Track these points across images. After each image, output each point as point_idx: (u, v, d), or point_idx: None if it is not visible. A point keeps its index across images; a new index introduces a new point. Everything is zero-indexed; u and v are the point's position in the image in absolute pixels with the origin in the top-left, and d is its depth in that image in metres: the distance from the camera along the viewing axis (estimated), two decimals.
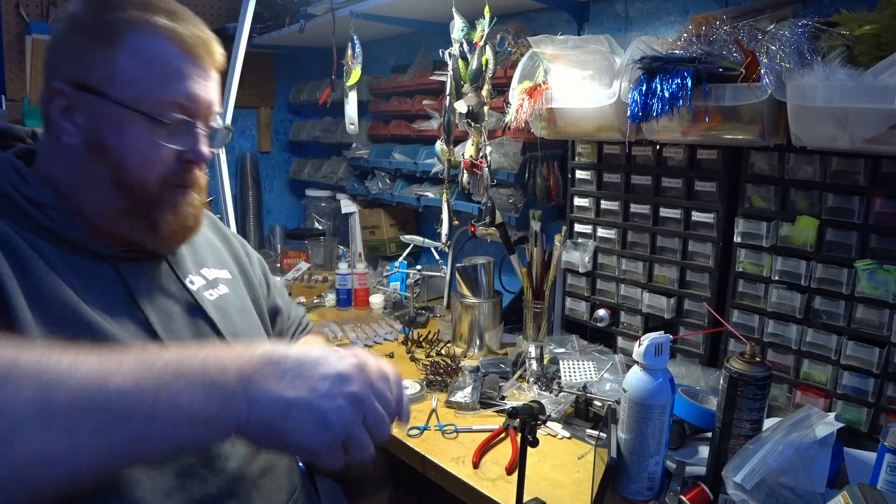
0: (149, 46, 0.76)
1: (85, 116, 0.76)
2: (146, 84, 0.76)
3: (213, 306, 0.89)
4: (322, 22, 2.06)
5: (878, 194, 1.09)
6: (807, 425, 0.97)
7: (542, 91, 1.43)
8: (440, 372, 1.53)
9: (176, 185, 0.81)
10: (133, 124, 0.76)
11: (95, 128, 0.76)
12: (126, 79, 0.75)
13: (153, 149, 0.77)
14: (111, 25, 0.75)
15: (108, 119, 0.76)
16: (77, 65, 0.76)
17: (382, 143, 2.43)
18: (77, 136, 0.77)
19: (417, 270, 2.20)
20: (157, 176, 0.78)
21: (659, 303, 1.45)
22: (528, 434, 0.93)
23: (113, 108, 0.75)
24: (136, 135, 0.76)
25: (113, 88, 0.75)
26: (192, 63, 0.79)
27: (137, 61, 0.75)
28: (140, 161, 0.77)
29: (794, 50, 1.00)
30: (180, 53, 0.77)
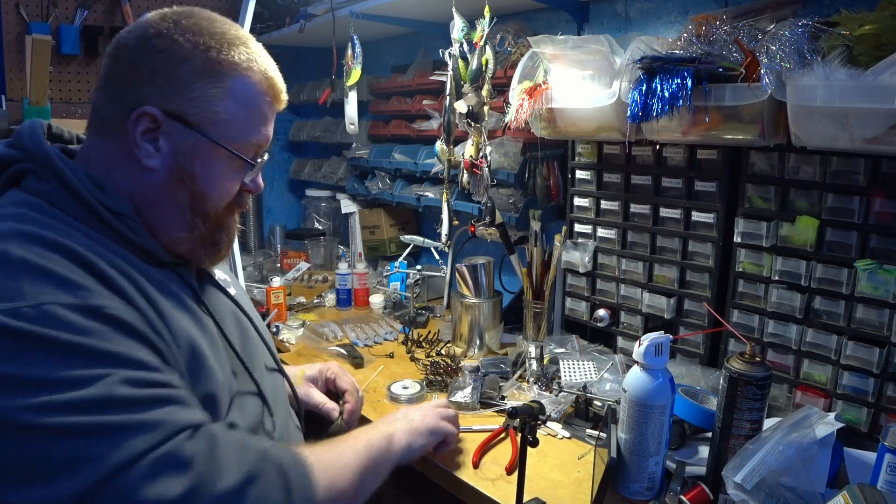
0: (248, 90, 0.82)
1: (172, 143, 0.79)
2: (239, 126, 0.81)
3: (241, 299, 0.98)
4: (322, 22, 2.06)
5: (878, 194, 1.09)
6: (807, 425, 0.97)
7: (542, 91, 1.43)
8: (440, 372, 1.53)
9: (232, 212, 0.88)
10: (220, 160, 0.81)
11: (184, 157, 0.79)
12: (225, 119, 0.80)
13: (231, 182, 0.84)
14: (219, 64, 0.79)
15: (200, 152, 0.80)
16: (177, 95, 0.77)
17: (382, 143, 2.43)
18: (158, 160, 0.79)
19: (417, 270, 2.20)
20: (224, 203, 0.85)
21: (659, 303, 1.45)
22: (528, 434, 0.93)
23: (206, 144, 0.79)
24: (221, 169, 0.82)
25: (212, 127, 0.79)
26: (272, 108, 0.87)
27: (237, 103, 0.80)
28: (219, 193, 0.83)
29: (794, 50, 1.00)
30: (269, 100, 0.85)
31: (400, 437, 0.97)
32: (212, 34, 0.80)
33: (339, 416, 1.13)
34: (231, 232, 0.89)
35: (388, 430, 0.96)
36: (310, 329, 1.91)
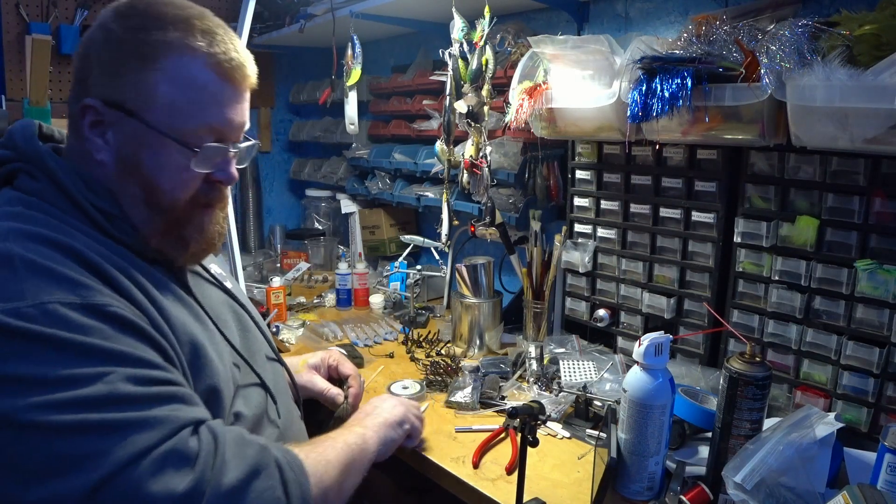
0: (186, 72, 0.75)
1: (117, 135, 0.77)
2: (182, 110, 0.76)
3: (237, 293, 0.98)
4: (322, 22, 2.06)
5: (878, 194, 1.09)
6: (807, 425, 0.97)
7: (542, 91, 1.43)
8: (440, 372, 1.53)
9: (204, 205, 0.83)
10: (167, 149, 0.77)
11: (128, 148, 0.77)
12: (162, 104, 0.75)
13: (185, 172, 0.78)
14: (150, 47, 0.75)
15: (143, 141, 0.76)
16: (112, 83, 0.75)
17: (382, 143, 2.43)
18: (108, 153, 0.77)
19: (417, 270, 2.20)
20: (186, 197, 0.80)
21: (659, 303, 1.45)
22: (528, 434, 0.93)
23: (147, 132, 0.75)
24: (169, 158, 0.77)
25: (149, 112, 0.75)
26: (227, 87, 0.79)
27: (174, 86, 0.75)
28: (172, 184, 0.78)
29: (794, 50, 1.00)
30: (217, 79, 0.77)
31: (372, 434, 0.98)
32: (149, 16, 0.76)
33: (344, 400, 1.14)
34: (204, 228, 0.84)
35: (361, 428, 0.97)
36: (310, 329, 1.90)
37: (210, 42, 0.77)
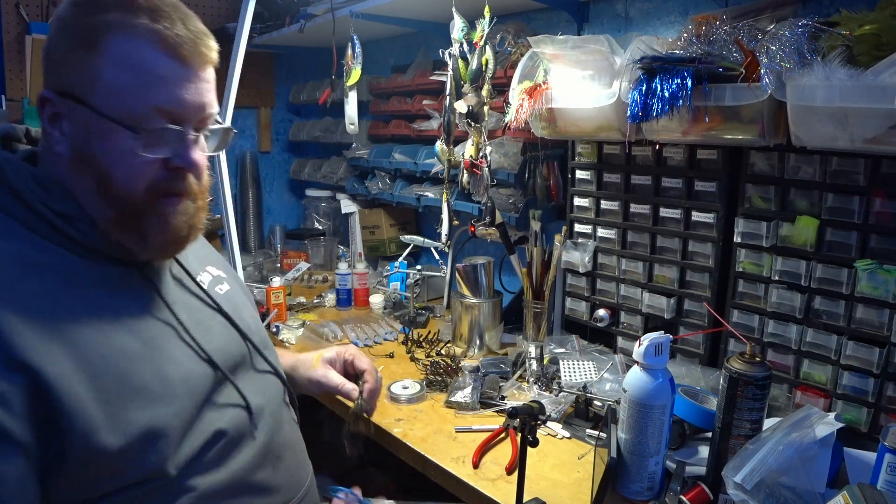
0: (130, 52, 0.71)
1: (70, 125, 0.74)
2: (127, 93, 0.72)
3: (224, 299, 0.93)
4: (322, 22, 2.06)
5: (878, 194, 1.09)
6: (807, 425, 0.97)
7: (542, 91, 1.43)
8: (440, 372, 1.53)
9: (165, 194, 0.77)
10: (116, 135, 0.72)
11: (81, 138, 0.73)
12: (106, 87, 0.71)
13: (137, 159, 0.73)
14: (92, 29, 0.71)
15: (92, 129, 0.73)
16: (63, 71, 0.73)
17: (382, 143, 2.43)
18: (64, 145, 0.75)
19: (417, 270, 2.20)
20: (144, 186, 0.75)
21: (659, 303, 1.45)
22: (528, 434, 0.93)
23: (96, 119, 0.72)
24: (119, 145, 0.73)
25: (94, 97, 0.72)
26: (177, 66, 0.73)
27: (118, 68, 0.71)
28: (125, 172, 0.74)
29: (794, 50, 1.00)
30: (162, 57, 0.72)
31: None
32: (94, 0, 0.73)
33: (359, 395, 1.10)
34: (168, 221, 0.77)
35: None
36: (310, 329, 1.90)
37: (153, 18, 0.72)
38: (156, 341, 0.77)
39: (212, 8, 2.68)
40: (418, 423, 1.32)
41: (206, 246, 1.04)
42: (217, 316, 0.89)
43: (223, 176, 2.05)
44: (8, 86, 2.27)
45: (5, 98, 2.26)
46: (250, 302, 1.07)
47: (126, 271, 0.79)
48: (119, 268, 0.78)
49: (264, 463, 0.86)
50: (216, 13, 2.68)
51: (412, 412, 1.37)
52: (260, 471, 0.85)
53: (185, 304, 0.85)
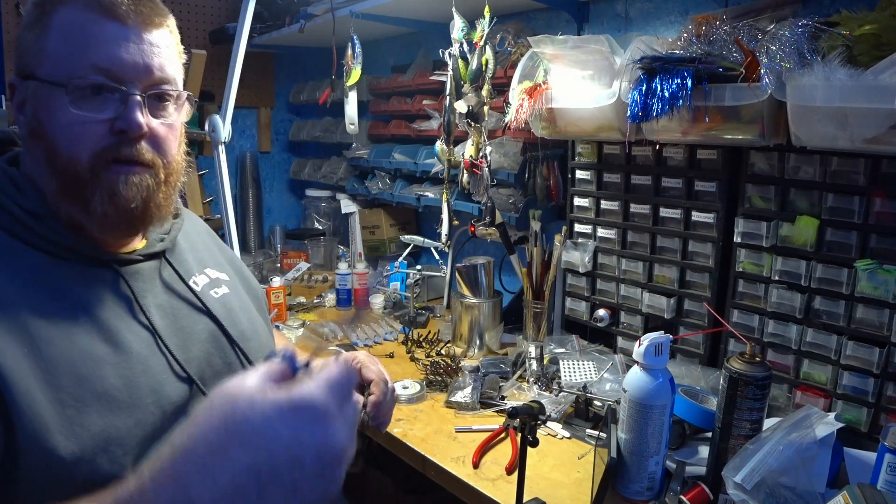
0: (70, 19, 0.72)
1: (29, 104, 0.74)
2: (65, 56, 0.72)
3: (217, 304, 0.89)
4: (322, 22, 2.06)
5: (878, 194, 1.09)
6: (807, 425, 0.97)
7: (542, 91, 1.43)
8: (440, 372, 1.53)
9: (113, 161, 0.74)
10: (57, 100, 0.71)
11: (32, 111, 0.74)
12: (49, 56, 0.72)
13: (76, 120, 0.71)
14: (42, 10, 0.74)
15: (41, 100, 0.73)
16: (23, 56, 0.75)
17: (382, 143, 2.43)
18: (25, 127, 0.75)
19: (417, 270, 2.20)
20: (87, 151, 0.72)
21: (659, 303, 1.45)
22: (528, 434, 0.93)
23: (42, 88, 0.72)
24: (60, 110, 0.71)
25: (41, 69, 0.72)
26: (112, 24, 0.72)
27: (59, 37, 0.72)
28: (68, 137, 0.72)
29: (794, 50, 1.00)
30: (99, 17, 0.72)
31: None
32: None
33: (362, 408, 1.01)
34: (116, 191, 0.73)
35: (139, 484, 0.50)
36: (310, 329, 1.90)
37: None
38: (128, 346, 0.74)
39: (212, 8, 2.68)
40: (418, 423, 1.32)
41: (212, 248, 1.01)
42: (204, 322, 0.86)
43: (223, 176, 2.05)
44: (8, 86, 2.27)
45: (5, 98, 2.26)
46: (256, 305, 1.02)
47: (103, 273, 0.77)
48: (95, 268, 0.76)
49: None
50: (216, 13, 2.68)
51: (412, 412, 1.37)
52: None
53: (170, 310, 0.82)
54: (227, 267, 1.01)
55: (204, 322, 0.86)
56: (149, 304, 0.79)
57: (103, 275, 0.77)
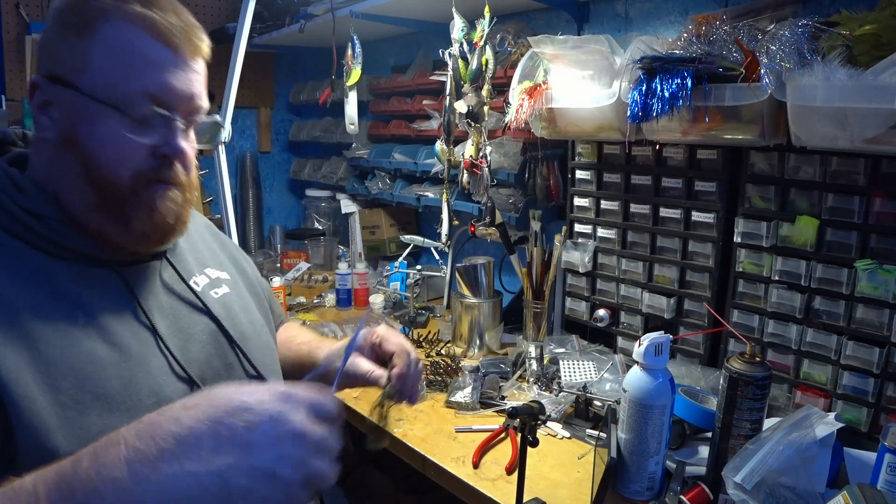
0: (121, 36, 0.72)
1: (59, 110, 0.74)
2: (116, 75, 0.72)
3: (218, 304, 0.89)
4: (322, 22, 2.06)
5: (878, 194, 1.09)
6: (807, 425, 0.97)
7: (542, 91, 1.43)
8: (440, 372, 1.53)
9: (153, 181, 0.76)
10: (104, 118, 0.72)
11: (68, 121, 0.73)
12: (97, 70, 0.71)
13: (124, 143, 0.73)
14: (84, 15, 0.72)
15: (80, 112, 0.73)
16: (53, 57, 0.73)
17: (382, 143, 2.43)
18: (52, 131, 0.74)
19: (417, 270, 2.20)
20: (130, 171, 0.74)
21: (659, 303, 1.45)
22: (528, 434, 0.93)
23: (84, 101, 0.72)
24: (106, 128, 0.72)
25: (83, 80, 0.72)
26: (167, 52, 0.74)
27: (109, 52, 0.71)
28: (111, 156, 0.73)
29: (794, 50, 1.00)
30: (154, 42, 0.73)
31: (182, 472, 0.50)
32: None
33: (387, 381, 0.99)
34: (155, 207, 0.76)
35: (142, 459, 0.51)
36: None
37: (146, 5, 0.73)
38: (129, 348, 0.74)
39: (212, 8, 2.68)
40: (418, 423, 1.32)
41: (212, 246, 1.01)
42: (204, 322, 0.86)
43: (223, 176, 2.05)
44: (8, 86, 2.27)
45: (5, 98, 2.26)
46: (257, 302, 1.02)
47: (104, 273, 0.77)
48: (96, 269, 0.77)
49: None
50: (216, 13, 2.68)
51: (412, 412, 1.37)
52: None
53: (170, 310, 0.82)
54: (227, 265, 1.01)
55: (204, 323, 0.86)
56: (149, 306, 0.80)
57: (104, 275, 0.77)
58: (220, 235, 1.08)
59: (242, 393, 0.54)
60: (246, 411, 0.52)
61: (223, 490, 0.49)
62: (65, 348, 0.69)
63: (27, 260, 0.72)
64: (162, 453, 0.50)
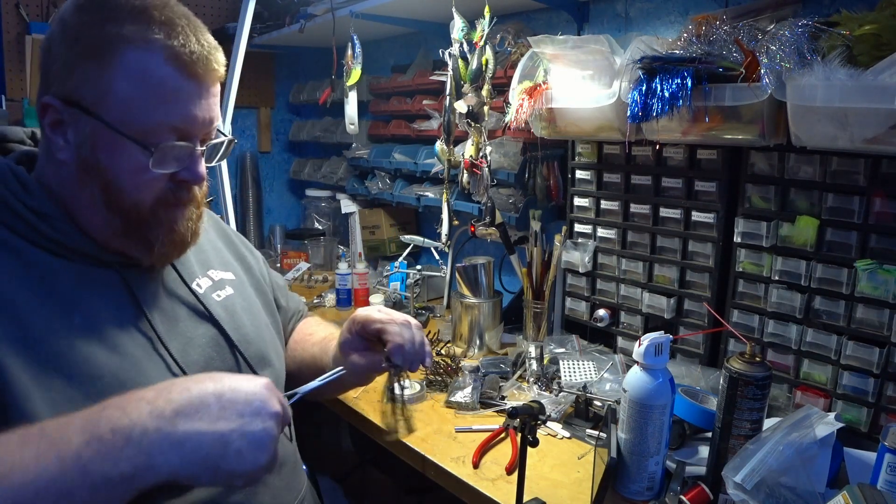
0: (143, 66, 0.71)
1: (76, 134, 0.73)
2: (138, 106, 0.72)
3: (220, 307, 0.89)
4: (322, 22, 2.06)
5: (878, 194, 1.09)
6: (807, 425, 0.97)
7: (542, 91, 1.43)
8: (440, 372, 1.53)
9: (172, 205, 0.78)
10: (125, 148, 0.72)
11: (87, 147, 0.73)
12: (118, 100, 0.71)
13: (146, 173, 0.74)
14: (106, 41, 0.71)
15: (100, 140, 0.72)
16: (69, 79, 0.72)
17: (382, 143, 2.43)
18: (69, 153, 0.74)
19: (417, 270, 2.20)
20: (151, 198, 0.76)
21: (659, 303, 1.45)
22: (528, 434, 0.93)
23: (105, 131, 0.72)
24: (128, 158, 0.73)
25: (105, 109, 0.71)
26: (189, 82, 0.74)
27: (130, 82, 0.71)
28: (133, 185, 0.74)
29: (794, 50, 1.00)
30: (176, 74, 0.72)
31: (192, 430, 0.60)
32: (105, 7, 0.72)
33: (386, 362, 0.94)
34: (174, 228, 0.79)
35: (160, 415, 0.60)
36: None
37: (169, 34, 0.72)
38: (125, 349, 0.74)
39: (212, 8, 2.68)
40: (418, 423, 1.32)
41: (218, 246, 1.01)
42: (205, 326, 0.86)
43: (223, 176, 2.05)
44: (8, 86, 2.27)
45: (5, 98, 2.26)
46: (263, 301, 1.02)
47: (106, 274, 0.77)
48: (98, 269, 0.77)
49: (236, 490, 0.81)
50: (216, 13, 2.68)
51: (412, 412, 1.37)
52: (234, 493, 0.80)
53: (171, 313, 0.83)
54: (233, 264, 1.01)
55: (205, 327, 0.86)
56: (150, 308, 0.80)
57: (105, 276, 0.77)
58: (227, 232, 1.07)
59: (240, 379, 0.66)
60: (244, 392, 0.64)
61: (222, 449, 0.60)
62: (60, 347, 0.69)
63: (28, 258, 0.72)
64: (177, 412, 0.60)
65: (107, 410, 0.60)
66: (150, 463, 0.58)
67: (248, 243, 1.12)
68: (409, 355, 0.94)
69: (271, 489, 0.86)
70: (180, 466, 0.59)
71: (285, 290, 1.19)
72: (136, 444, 0.58)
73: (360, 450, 1.85)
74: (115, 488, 0.57)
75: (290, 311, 1.18)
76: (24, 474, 0.54)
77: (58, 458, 0.55)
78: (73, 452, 0.56)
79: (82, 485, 0.55)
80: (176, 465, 0.58)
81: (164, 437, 0.58)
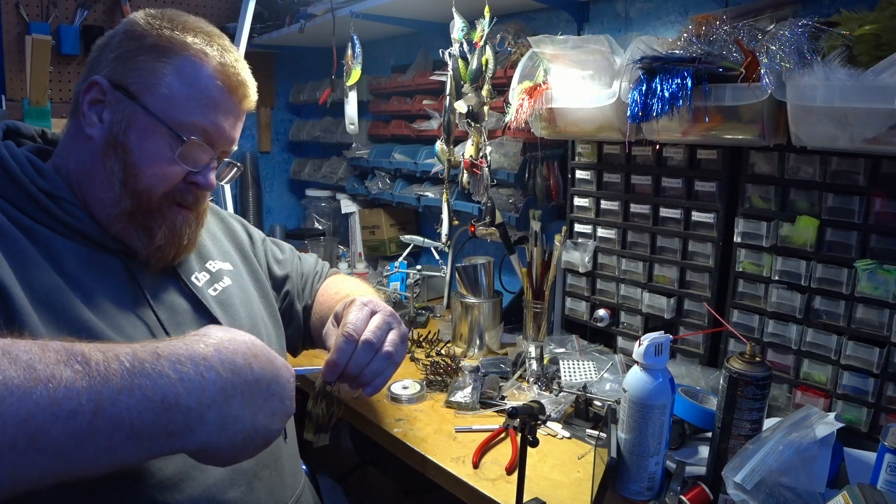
0: (195, 71, 0.80)
1: (113, 114, 0.79)
2: (180, 103, 0.80)
3: (215, 302, 0.91)
4: (322, 22, 2.06)
5: (878, 194, 1.09)
6: (807, 425, 0.97)
7: (542, 91, 1.43)
8: (440, 372, 1.53)
9: (178, 203, 0.84)
10: (156, 135, 0.79)
11: (120, 128, 0.79)
12: (164, 93, 0.79)
13: (167, 163, 0.80)
14: (168, 41, 0.80)
15: (136, 123, 0.79)
16: (122, 66, 0.80)
17: (382, 143, 2.43)
18: (99, 130, 0.80)
19: (417, 270, 2.20)
20: (163, 189, 0.82)
21: (659, 303, 1.45)
22: (528, 434, 0.93)
23: (142, 115, 0.79)
24: (156, 144, 0.79)
25: (149, 97, 0.79)
26: (228, 98, 0.83)
27: (179, 79, 0.80)
28: (153, 170, 0.80)
29: (794, 50, 1.00)
30: (220, 87, 0.82)
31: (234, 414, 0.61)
32: (176, 21, 0.83)
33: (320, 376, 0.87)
34: (176, 228, 0.84)
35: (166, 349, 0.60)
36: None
37: (222, 55, 0.83)
38: (125, 331, 0.76)
39: (212, 8, 2.67)
40: (418, 423, 1.32)
41: (217, 236, 1.03)
42: (201, 321, 0.87)
43: None
44: (8, 86, 2.26)
45: (5, 98, 2.26)
46: (261, 292, 1.04)
47: (111, 261, 0.81)
48: (104, 255, 0.81)
49: (237, 481, 0.82)
50: (216, 13, 2.68)
51: (412, 412, 1.37)
52: (232, 489, 0.81)
53: (169, 304, 0.85)
54: (232, 254, 1.03)
55: (201, 322, 0.87)
56: (149, 294, 0.83)
57: (110, 263, 0.81)
58: (227, 221, 1.11)
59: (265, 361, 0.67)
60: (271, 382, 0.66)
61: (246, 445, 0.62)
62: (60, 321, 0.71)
63: (38, 236, 0.76)
64: (196, 361, 0.60)
65: (157, 346, 0.60)
66: (195, 399, 0.58)
67: (248, 226, 1.16)
68: (347, 374, 0.86)
69: (268, 485, 0.87)
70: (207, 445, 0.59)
71: (294, 258, 1.22)
72: (179, 374, 0.58)
73: (360, 449, 1.85)
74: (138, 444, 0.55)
75: (305, 275, 1.21)
76: (59, 381, 0.51)
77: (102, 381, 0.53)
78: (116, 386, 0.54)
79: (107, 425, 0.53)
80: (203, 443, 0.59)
81: (191, 377, 0.58)
